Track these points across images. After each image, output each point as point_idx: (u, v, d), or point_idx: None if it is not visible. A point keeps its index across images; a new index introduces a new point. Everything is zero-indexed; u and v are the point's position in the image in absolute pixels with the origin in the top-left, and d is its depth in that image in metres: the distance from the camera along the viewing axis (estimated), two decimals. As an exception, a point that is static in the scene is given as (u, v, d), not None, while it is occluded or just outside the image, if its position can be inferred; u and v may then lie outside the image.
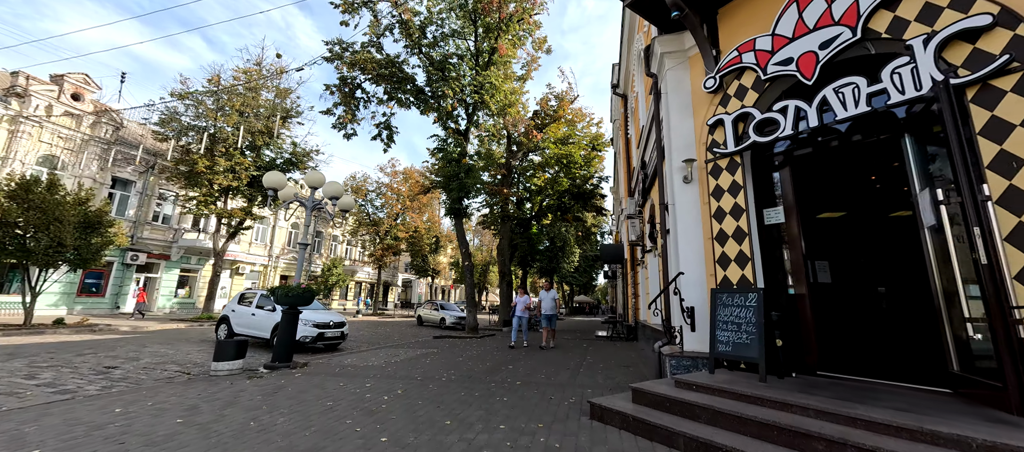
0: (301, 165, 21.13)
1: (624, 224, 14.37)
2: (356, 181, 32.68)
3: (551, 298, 10.09)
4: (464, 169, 14.14)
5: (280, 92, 20.71)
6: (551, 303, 10.06)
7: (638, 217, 10.83)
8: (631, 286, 13.07)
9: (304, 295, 6.93)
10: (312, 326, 9.34)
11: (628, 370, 6.48)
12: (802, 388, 3.37)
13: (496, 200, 19.58)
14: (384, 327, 18.58)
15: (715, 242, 4.43)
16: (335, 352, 9.40)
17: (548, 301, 10.06)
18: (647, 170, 8.96)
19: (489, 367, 6.74)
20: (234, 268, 25.14)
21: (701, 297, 4.53)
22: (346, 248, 36.55)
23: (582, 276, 44.79)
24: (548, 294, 10.08)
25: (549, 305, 10.03)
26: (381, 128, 14.45)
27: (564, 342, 11.81)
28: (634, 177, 12.17)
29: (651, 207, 9.42)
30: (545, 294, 10.11)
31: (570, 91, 20.30)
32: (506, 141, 20.33)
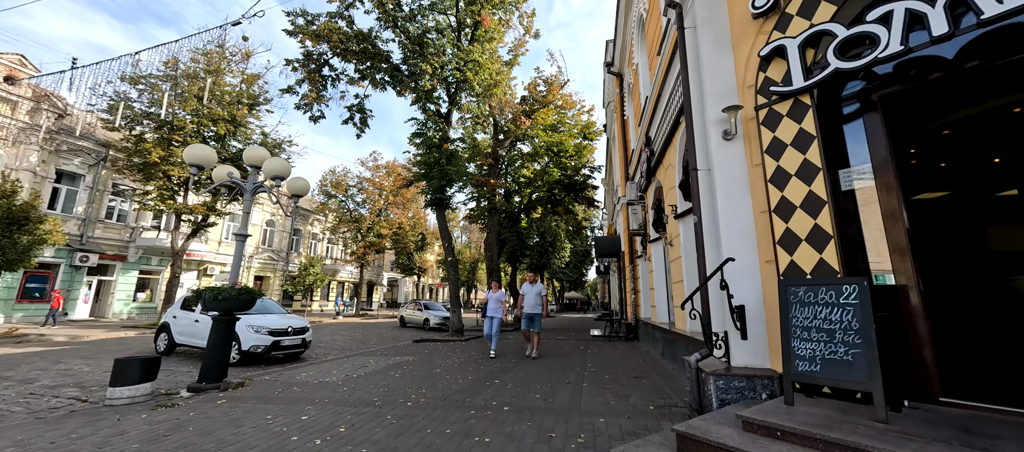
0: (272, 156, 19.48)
1: (621, 213, 13.23)
2: (336, 175, 31.01)
3: (536, 293, 8.10)
4: (446, 155, 12.82)
5: (247, 78, 19.05)
6: (536, 299, 8.08)
7: (640, 203, 9.66)
8: (630, 281, 11.95)
9: (239, 299, 5.56)
10: (266, 334, 7.94)
11: (642, 383, 5.29)
12: (944, 429, 2.20)
13: (483, 192, 18.28)
14: (363, 330, 17.17)
15: (775, 216, 3.24)
16: (294, 363, 8.04)
17: (532, 296, 8.07)
18: (653, 147, 7.78)
19: (470, 383, 5.47)
20: (202, 269, 23.35)
21: (754, 292, 3.33)
22: (327, 246, 34.82)
23: (572, 272, 43.80)
24: (532, 288, 8.14)
25: (533, 301, 8.06)
26: (353, 111, 13.01)
27: (557, 344, 10.62)
28: (633, 160, 11.02)
29: (657, 191, 8.25)
30: (529, 287, 8.16)
31: (560, 75, 19.08)
32: (492, 129, 19.06)
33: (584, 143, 20.66)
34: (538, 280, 8.40)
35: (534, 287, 8.21)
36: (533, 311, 8.08)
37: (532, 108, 18.26)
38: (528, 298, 8.11)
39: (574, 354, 8.48)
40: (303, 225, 31.93)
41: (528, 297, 8.12)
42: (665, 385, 5.13)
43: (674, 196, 6.51)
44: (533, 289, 8.19)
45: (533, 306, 8.09)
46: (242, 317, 7.94)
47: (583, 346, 10.07)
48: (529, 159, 20.53)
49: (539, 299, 8.14)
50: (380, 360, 7.87)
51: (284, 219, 29.35)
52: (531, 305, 8.09)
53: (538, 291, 8.19)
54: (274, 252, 28.34)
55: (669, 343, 6.97)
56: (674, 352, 6.49)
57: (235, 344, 7.72)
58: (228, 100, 17.67)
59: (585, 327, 17.81)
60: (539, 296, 8.16)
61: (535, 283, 8.30)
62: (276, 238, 28.82)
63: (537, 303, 8.12)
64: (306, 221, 32.11)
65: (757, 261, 3.31)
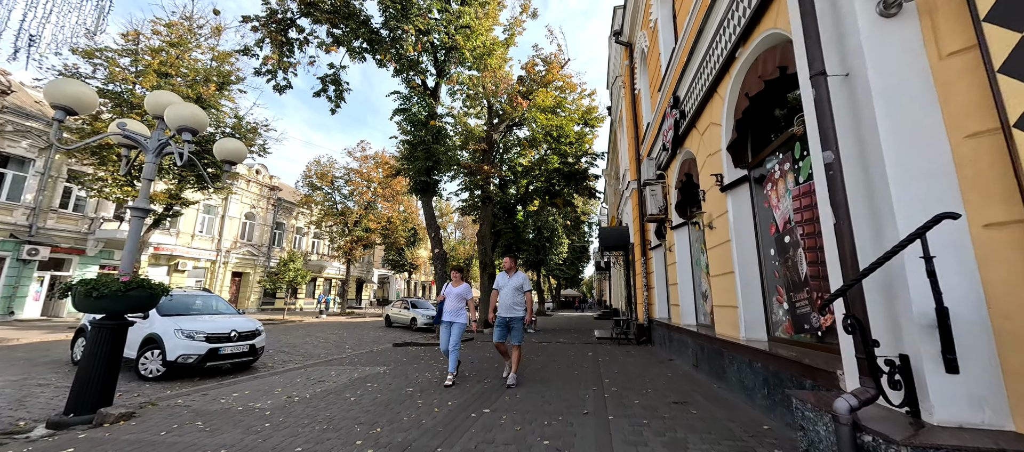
0: (246, 141, 17.85)
1: (630, 200, 11.75)
2: (321, 166, 29.26)
3: (515, 287, 5.41)
4: (432, 132, 11.27)
5: (218, 56, 17.33)
6: (515, 295, 5.39)
7: (659, 184, 8.16)
8: (640, 276, 10.49)
9: (127, 296, 4.00)
10: (201, 340, 6.37)
11: (691, 415, 3.79)
12: None
13: (475, 180, 16.73)
14: (345, 331, 15.58)
15: (1017, 134, 1.70)
16: (237, 375, 6.52)
17: (509, 292, 5.40)
18: (683, 107, 6.28)
19: (449, 414, 3.96)
20: (171, 264, 21.60)
21: (964, 284, 1.79)
22: (312, 242, 33.10)
23: (569, 268, 42.38)
24: (510, 280, 5.48)
25: (511, 299, 5.37)
26: (327, 82, 11.41)
27: (560, 349, 9.13)
28: (648, 135, 9.53)
29: (684, 166, 6.77)
30: (504, 280, 5.51)
31: (560, 54, 17.51)
32: (487, 113, 17.50)
33: (585, 130, 19.16)
34: (518, 268, 5.61)
35: (513, 278, 5.47)
36: (511, 313, 5.34)
37: (529, 89, 16.70)
38: (504, 294, 5.40)
39: (582, 363, 6.98)
40: (287, 218, 30.19)
41: (504, 293, 5.41)
42: (726, 419, 3.63)
43: (717, 164, 5.02)
44: (511, 281, 5.44)
45: (511, 306, 5.34)
46: (171, 319, 6.39)
47: (590, 351, 8.59)
48: (527, 145, 18.98)
49: (520, 296, 5.39)
50: (345, 372, 6.33)
51: (264, 212, 27.60)
52: (508, 305, 5.35)
53: (518, 284, 5.41)
54: (254, 247, 26.61)
55: (707, 353, 5.48)
56: (717, 366, 5.00)
57: (158, 353, 6.14)
58: (193, 78, 15.97)
59: (587, 327, 16.35)
60: (519, 292, 5.40)
61: (513, 272, 5.55)
62: (256, 232, 27.09)
63: (517, 302, 5.37)
64: (290, 214, 30.37)
65: (965, 226, 1.81)
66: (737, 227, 4.66)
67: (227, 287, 24.65)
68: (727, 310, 4.88)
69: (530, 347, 9.37)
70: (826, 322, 3.33)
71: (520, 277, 5.55)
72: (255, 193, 26.91)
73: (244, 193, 25.94)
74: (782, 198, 3.97)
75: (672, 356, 7.52)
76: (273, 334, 13.99)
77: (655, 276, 9.90)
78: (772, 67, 3.60)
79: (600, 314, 24.10)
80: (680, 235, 7.52)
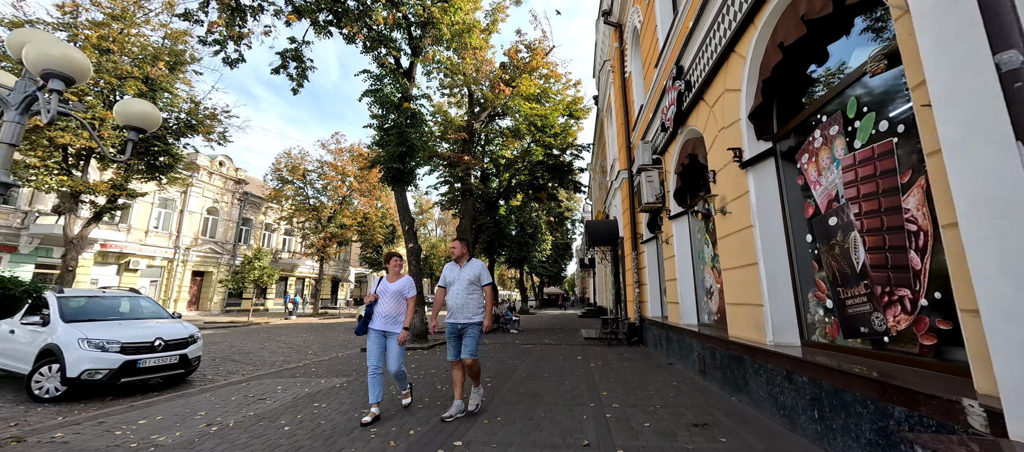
0: (204, 128, 16.38)
1: (619, 191, 11.03)
2: (292, 158, 27.61)
3: (467, 281, 3.95)
4: (406, 115, 10.25)
5: (171, 34, 15.75)
6: (470, 291, 3.94)
7: (655, 169, 7.41)
8: (632, 272, 9.77)
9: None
10: (115, 351, 5.24)
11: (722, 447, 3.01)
12: None
13: (456, 172, 15.76)
14: (312, 334, 14.38)
15: None
16: (168, 392, 5.43)
17: (463, 288, 3.94)
18: (689, 77, 5.51)
19: (414, 445, 3.05)
20: (122, 263, 19.78)
21: None
22: (284, 239, 31.37)
23: (552, 266, 41.80)
24: (463, 272, 4.02)
25: (465, 299, 3.92)
26: (287, 57, 10.21)
27: (547, 350, 8.30)
28: (643, 116, 8.79)
29: (686, 147, 6.02)
30: (455, 272, 4.04)
31: (545, 40, 16.71)
32: (467, 101, 16.55)
33: (570, 121, 18.44)
34: (471, 253, 4.22)
35: (466, 270, 3.99)
36: (464, 318, 3.86)
37: (513, 77, 15.83)
38: (455, 291, 3.93)
39: (573, 370, 6.16)
40: (255, 214, 28.43)
41: (456, 289, 3.93)
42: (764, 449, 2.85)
43: (735, 137, 4.26)
44: (464, 273, 3.98)
45: (463, 308, 3.88)
46: (78, 326, 5.26)
47: (580, 354, 7.79)
48: (510, 135, 18.13)
49: (476, 294, 3.94)
50: (294, 386, 5.32)
51: (229, 206, 25.83)
52: (460, 306, 3.88)
53: (473, 277, 3.94)
54: (217, 244, 24.85)
55: (720, 359, 4.73)
56: (734, 374, 4.25)
57: (58, 368, 4.99)
58: (140, 55, 14.42)
59: (572, 326, 15.63)
60: (475, 288, 3.94)
61: (466, 261, 4.06)
62: (220, 228, 25.32)
63: (473, 302, 3.90)
64: (258, 210, 28.62)
65: None
66: (761, 210, 3.89)
67: (186, 287, 22.89)
68: (746, 309, 4.12)
69: (514, 351, 8.50)
70: (898, 325, 2.58)
71: (475, 267, 4.00)
72: (218, 186, 25.13)
73: (206, 186, 24.16)
74: (825, 171, 3.22)
75: (671, 359, 6.79)
76: (231, 339, 12.70)
77: (647, 272, 9.19)
78: (823, 1, 2.83)
79: (585, 312, 23.46)
80: (679, 225, 6.79)
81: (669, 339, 7.03)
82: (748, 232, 4.05)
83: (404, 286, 4.10)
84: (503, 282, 60.45)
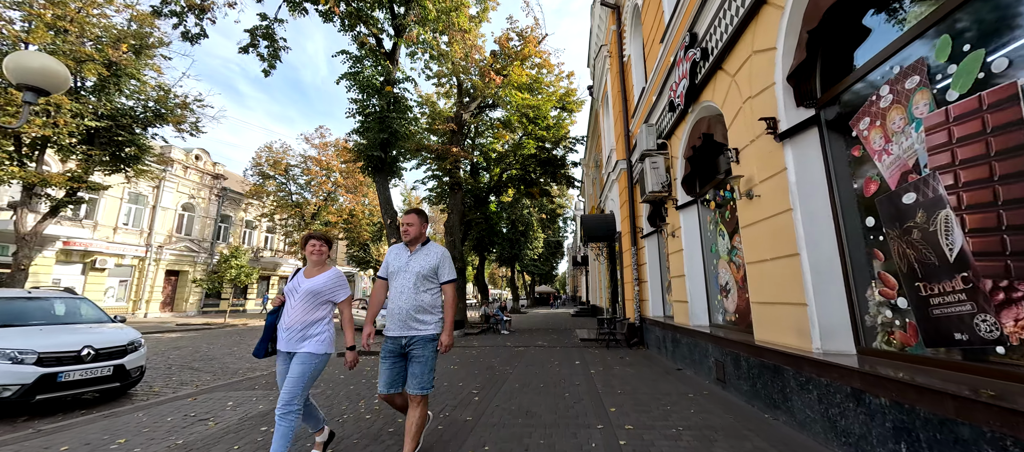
0: (173, 118, 15.31)
1: (617, 184, 10.38)
2: (273, 152, 26.50)
3: (420, 273, 2.70)
4: (388, 100, 9.46)
5: (138, 16, 14.66)
6: (418, 290, 2.68)
7: (661, 155, 6.75)
8: (631, 269, 9.12)
9: None
10: (31, 363, 4.39)
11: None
12: None
13: (443, 164, 14.97)
14: (288, 336, 13.45)
15: None
16: (99, 408, 4.61)
17: (412, 282, 2.68)
18: (705, 43, 4.86)
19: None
20: (87, 261, 18.57)
21: None
22: (265, 237, 30.19)
23: (544, 264, 41.21)
24: (413, 260, 2.74)
25: (413, 296, 2.66)
26: (257, 36, 9.37)
27: (541, 354, 7.60)
28: (645, 99, 8.13)
29: (697, 127, 5.37)
30: (404, 259, 2.76)
31: (537, 28, 16.00)
32: (456, 92, 15.79)
33: (563, 114, 17.77)
34: (427, 231, 2.93)
35: (420, 258, 2.75)
36: (409, 330, 2.64)
37: (504, 66, 15.09)
38: (401, 287, 2.70)
39: (572, 378, 5.47)
40: (234, 211, 27.23)
41: (401, 285, 2.70)
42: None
43: (767, 105, 3.60)
44: (417, 262, 2.74)
45: (413, 314, 2.64)
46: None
47: (577, 358, 7.11)
48: (501, 127, 17.40)
49: (434, 293, 2.75)
50: (250, 402, 4.54)
51: (206, 202, 24.63)
52: (408, 310, 2.64)
53: (426, 268, 2.71)
54: (193, 242, 23.65)
55: (747, 368, 4.08)
56: (766, 386, 3.59)
57: (-48, 385, 4.13)
58: (100, 37, 13.34)
59: (566, 326, 14.98)
60: (433, 284, 2.75)
61: (419, 245, 2.82)
62: (197, 225, 24.11)
63: (425, 305, 2.68)
64: (238, 206, 27.42)
65: None
66: (803, 190, 3.23)
67: (160, 288, 21.70)
68: (781, 309, 3.47)
69: (505, 354, 7.78)
70: (1021, 332, 1.92)
71: (432, 254, 2.76)
72: (195, 181, 23.93)
73: (181, 181, 22.96)
74: (897, 137, 2.56)
75: (679, 364, 6.14)
76: (199, 342, 11.77)
77: (648, 268, 8.55)
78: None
79: (577, 311, 22.86)
80: (688, 216, 6.14)
81: (676, 341, 6.38)
82: (784, 218, 3.39)
83: (328, 283, 2.70)
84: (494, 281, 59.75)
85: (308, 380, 2.56)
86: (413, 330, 2.64)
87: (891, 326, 2.69)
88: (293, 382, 2.51)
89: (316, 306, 2.69)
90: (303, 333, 2.62)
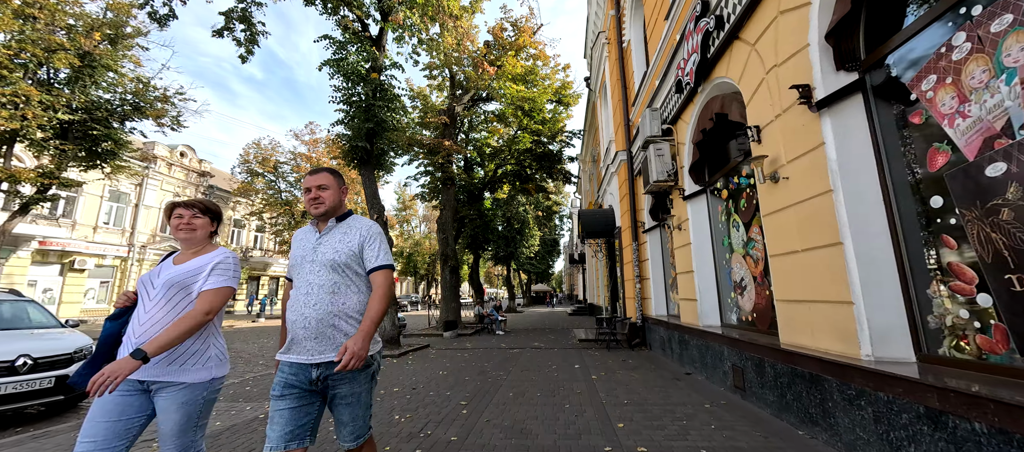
0: (153, 111, 14.62)
1: (617, 177, 9.88)
2: (262, 149, 25.79)
3: (332, 262, 1.72)
4: (373, 87, 8.89)
5: (114, 4, 13.98)
6: (339, 282, 1.72)
7: (666, 142, 6.25)
8: (633, 264, 8.63)
9: None
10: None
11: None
12: None
13: (435, 159, 14.41)
14: (272, 339, 12.90)
15: None
16: (35, 426, 4.05)
17: (321, 276, 1.71)
18: (720, 10, 4.35)
19: None
20: (65, 262, 17.82)
21: None
22: (254, 236, 29.47)
23: (540, 263, 40.73)
24: (324, 243, 1.77)
25: (329, 297, 1.68)
26: (232, 19, 8.77)
27: (537, 357, 7.09)
28: (641, 90, 7.64)
29: (708, 107, 4.88)
30: (309, 244, 1.79)
31: (532, 18, 15.48)
32: (449, 84, 15.24)
33: (559, 108, 17.28)
34: (345, 201, 1.92)
35: (333, 240, 1.78)
36: (320, 355, 1.65)
37: (498, 57, 14.56)
38: (305, 285, 1.72)
39: (572, 385, 4.96)
40: (222, 209, 26.44)
41: (305, 282, 1.73)
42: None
43: (798, 71, 3.11)
44: (328, 246, 1.76)
45: (328, 325, 1.66)
46: None
47: (577, 361, 6.60)
48: (495, 120, 16.89)
49: (358, 288, 1.77)
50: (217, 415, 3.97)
51: (192, 200, 23.86)
52: (317, 319, 1.65)
53: (339, 256, 1.74)
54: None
55: (773, 375, 3.59)
56: (799, 397, 3.10)
57: None
58: (73, 25, 12.67)
59: (563, 325, 14.50)
60: (352, 274, 1.76)
61: (334, 221, 1.83)
62: (182, 224, 23.31)
63: (347, 309, 1.71)
64: (226, 204, 26.68)
65: None
66: (846, 167, 2.74)
67: (143, 289, 20.95)
68: (816, 308, 2.97)
69: (499, 357, 7.26)
70: None
71: (355, 230, 1.82)
72: (180, 179, 23.19)
73: (165, 178, 22.22)
74: (978, 93, 2.06)
75: (688, 368, 5.65)
76: (176, 346, 11.14)
77: (650, 264, 8.06)
78: None
79: (574, 310, 22.40)
80: (696, 207, 5.65)
81: (684, 342, 5.89)
82: (821, 202, 2.89)
83: (194, 271, 1.76)
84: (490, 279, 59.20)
85: (191, 430, 1.65)
86: (328, 354, 1.63)
87: (964, 329, 2.20)
88: (170, 440, 1.61)
89: (178, 298, 1.71)
90: (170, 353, 1.64)
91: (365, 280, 1.80)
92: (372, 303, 1.70)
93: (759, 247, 4.26)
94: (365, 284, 1.80)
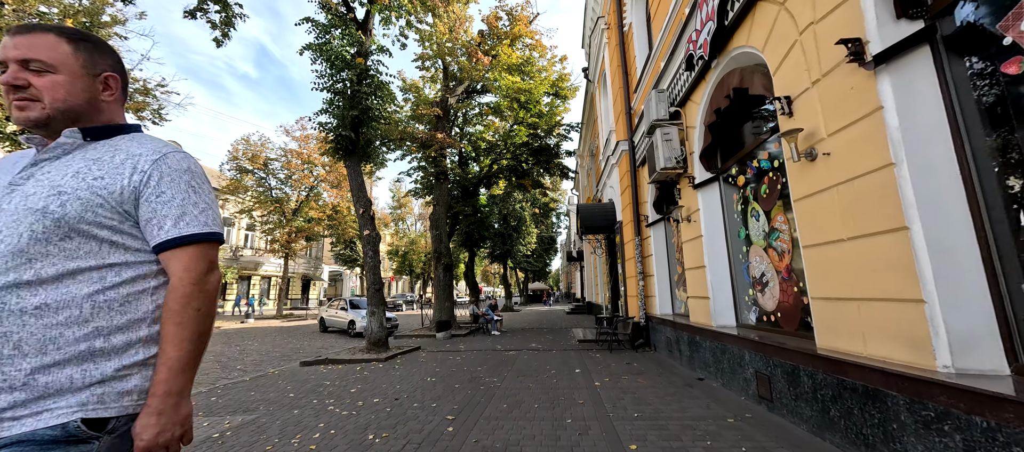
0: (132, 104, 13.98)
1: (617, 169, 9.38)
2: (251, 145, 25.11)
3: (45, 218, 0.81)
4: (358, 71, 8.34)
5: (92, -10, 13.31)
6: (24, 258, 0.79)
7: (674, 126, 5.74)
8: (636, 261, 8.14)
9: None
10: None
11: None
12: None
13: (428, 152, 13.86)
14: (259, 340, 12.32)
15: None
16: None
17: (16, 226, 0.80)
18: (741, -31, 3.82)
19: None
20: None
21: None
22: (245, 234, 28.79)
23: (537, 261, 40.27)
24: (41, 175, 0.86)
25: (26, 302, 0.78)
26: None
27: (534, 360, 6.58)
28: (646, 72, 7.14)
29: (721, 85, 4.37)
30: (9, 179, 0.87)
31: (527, 7, 14.92)
32: (442, 76, 14.68)
33: (556, 101, 16.74)
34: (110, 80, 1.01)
35: (67, 165, 0.88)
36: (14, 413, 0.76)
37: (492, 47, 14.02)
38: None
39: (574, 390, 4.45)
40: (210, 207, 25.76)
41: None
42: None
43: (845, 24, 2.60)
44: (42, 179, 0.86)
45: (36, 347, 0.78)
46: None
47: (577, 364, 6.10)
48: (490, 112, 16.34)
49: (117, 264, 0.88)
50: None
51: (178, 198, 23.17)
52: (21, 338, 0.77)
53: (92, 190, 0.86)
54: (165, 240, 22.20)
55: (809, 386, 3.10)
56: (854, 416, 2.61)
57: None
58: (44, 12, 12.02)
59: (561, 325, 14.01)
60: (107, 245, 0.87)
61: (76, 136, 0.91)
62: (168, 222, 22.64)
63: (87, 313, 0.82)
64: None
65: None
66: (910, 137, 2.23)
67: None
68: (868, 307, 2.48)
69: (494, 360, 6.75)
70: None
71: (136, 157, 0.92)
72: (165, 176, 22.47)
73: (150, 176, 21.51)
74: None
75: (700, 373, 5.15)
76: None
77: (654, 260, 7.57)
78: None
79: (572, 308, 21.92)
80: (708, 196, 5.15)
81: (694, 344, 5.40)
82: (879, 178, 2.39)
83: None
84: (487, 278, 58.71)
85: None
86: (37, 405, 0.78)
87: (1087, 334, 1.70)
88: None
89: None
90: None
91: (145, 262, 0.92)
92: (169, 322, 0.89)
93: (784, 238, 3.77)
94: (142, 271, 0.92)
